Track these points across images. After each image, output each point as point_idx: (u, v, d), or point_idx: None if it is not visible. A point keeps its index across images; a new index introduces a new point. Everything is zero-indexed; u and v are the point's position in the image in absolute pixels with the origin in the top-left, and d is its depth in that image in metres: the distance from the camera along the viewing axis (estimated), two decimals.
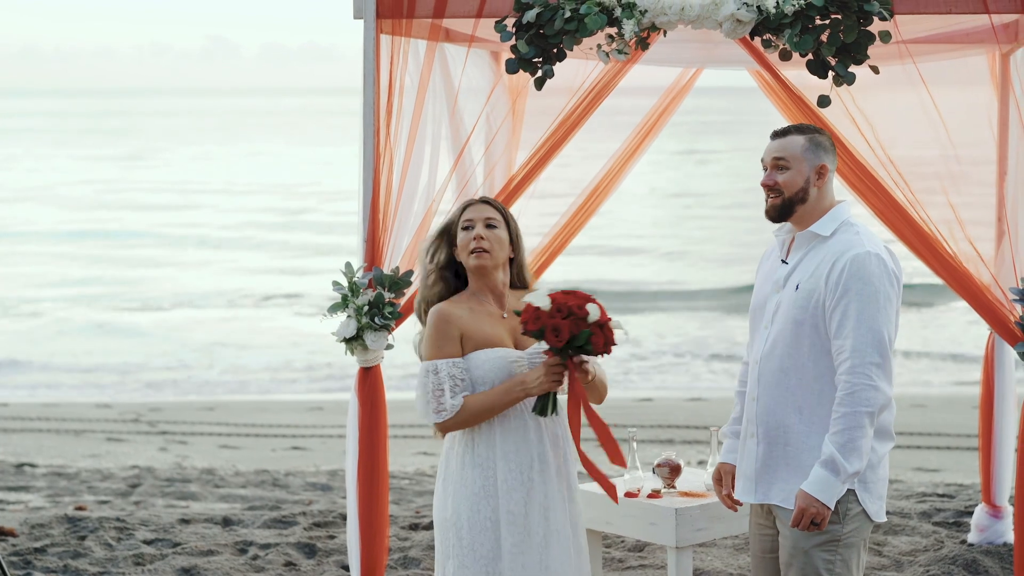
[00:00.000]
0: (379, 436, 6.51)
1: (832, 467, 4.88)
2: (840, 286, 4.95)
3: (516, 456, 5.36)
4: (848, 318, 4.92)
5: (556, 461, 5.44)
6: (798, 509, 4.91)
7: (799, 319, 5.02)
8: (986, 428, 7.73)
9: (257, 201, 45.38)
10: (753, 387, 5.17)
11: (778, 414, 5.07)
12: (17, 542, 8.32)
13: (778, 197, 5.12)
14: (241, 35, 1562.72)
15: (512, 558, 5.33)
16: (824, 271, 5.00)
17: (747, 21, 5.97)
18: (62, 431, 14.49)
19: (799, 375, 5.04)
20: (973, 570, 7.41)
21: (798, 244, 5.15)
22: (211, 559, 7.94)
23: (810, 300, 5.01)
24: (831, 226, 5.10)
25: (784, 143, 5.12)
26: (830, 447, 4.88)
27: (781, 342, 5.07)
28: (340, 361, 19.05)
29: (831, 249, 5.04)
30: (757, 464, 5.14)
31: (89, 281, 29.52)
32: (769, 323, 5.13)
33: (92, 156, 63.82)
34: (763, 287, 5.25)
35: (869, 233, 5.10)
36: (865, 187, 6.48)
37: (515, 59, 6.16)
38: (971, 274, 6.67)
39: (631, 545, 8.14)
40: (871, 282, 4.94)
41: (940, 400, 16.16)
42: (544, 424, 5.42)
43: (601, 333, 5.22)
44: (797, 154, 5.10)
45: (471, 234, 5.35)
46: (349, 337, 6.31)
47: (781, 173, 5.11)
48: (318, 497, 10.39)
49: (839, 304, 4.94)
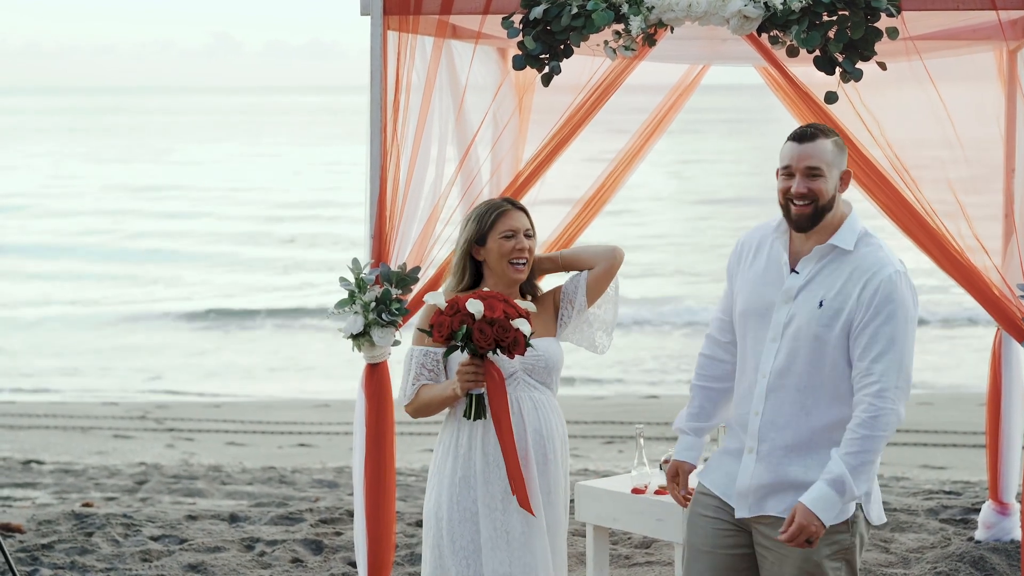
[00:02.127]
0: (386, 432, 6.52)
1: (839, 487, 4.74)
2: (873, 307, 4.80)
3: (496, 449, 5.42)
4: (878, 341, 4.79)
5: (536, 458, 5.47)
6: (797, 525, 4.73)
7: (823, 337, 4.86)
8: (993, 425, 7.73)
9: (263, 198, 45.37)
10: (758, 401, 4.97)
11: (787, 433, 4.92)
12: (24, 538, 8.33)
13: (810, 205, 4.90)
14: (245, 33, 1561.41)
15: (489, 552, 5.39)
16: (854, 290, 4.85)
17: (754, 17, 5.96)
18: (69, 428, 14.51)
19: (816, 393, 4.89)
20: (980, 567, 7.41)
21: (812, 255, 4.95)
22: (218, 555, 7.95)
23: (838, 319, 4.85)
24: (851, 238, 4.93)
25: (815, 148, 4.90)
26: (841, 466, 4.74)
27: (800, 360, 4.89)
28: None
29: (858, 265, 4.88)
30: (754, 482, 4.98)
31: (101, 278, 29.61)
32: (778, 336, 4.94)
33: (96, 154, 63.82)
34: (761, 292, 5.03)
35: (888, 247, 4.98)
36: (872, 183, 6.47)
37: (522, 55, 6.16)
38: (978, 270, 6.66)
39: (638, 542, 8.15)
40: (905, 305, 4.83)
41: (947, 397, 16.15)
42: (527, 421, 5.46)
43: (490, 330, 5.20)
44: (829, 160, 4.91)
45: (513, 243, 5.51)
46: (356, 333, 6.31)
47: (814, 180, 4.89)
48: (325, 494, 10.39)
49: (870, 325, 4.80)
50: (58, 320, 24.64)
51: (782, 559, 4.92)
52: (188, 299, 26.95)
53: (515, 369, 5.47)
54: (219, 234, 37.19)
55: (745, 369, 5.07)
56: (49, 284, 28.90)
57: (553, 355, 5.57)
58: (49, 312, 25.57)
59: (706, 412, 5.28)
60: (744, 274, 5.12)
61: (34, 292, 27.82)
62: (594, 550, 6.77)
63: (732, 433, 5.14)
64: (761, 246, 5.11)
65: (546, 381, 5.57)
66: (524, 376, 5.51)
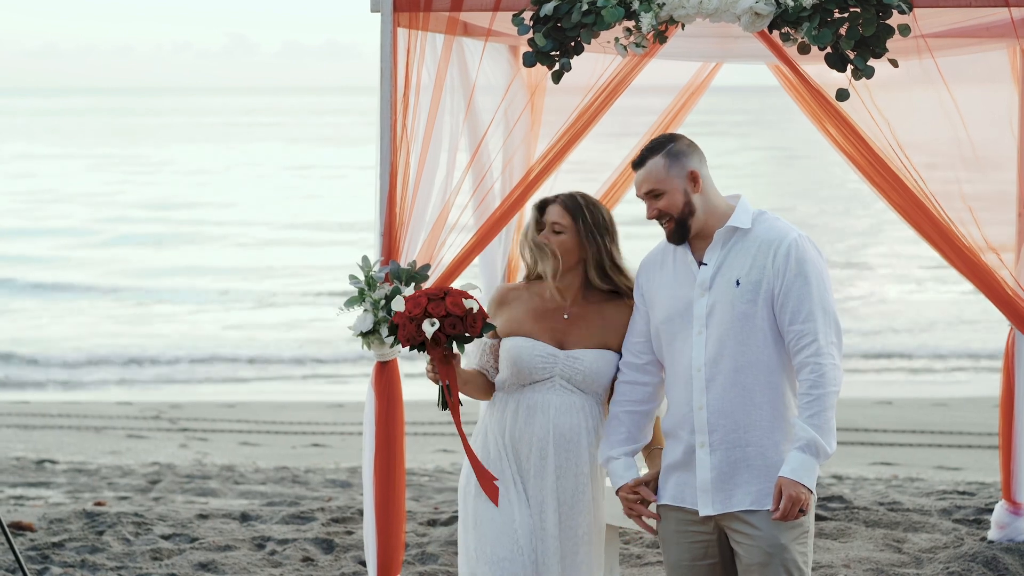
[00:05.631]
0: (396, 430, 6.51)
1: (813, 450, 4.88)
2: (788, 271, 4.98)
3: (512, 435, 5.50)
4: (804, 302, 4.96)
5: (557, 460, 5.48)
6: (787, 498, 4.89)
7: (748, 312, 5.01)
8: (1006, 425, 7.70)
9: (280, 198, 45.43)
10: (699, 396, 5.07)
11: (736, 416, 5.03)
12: (35, 537, 8.34)
13: (670, 222, 5.11)
14: (261, 33, 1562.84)
15: (478, 529, 5.48)
16: (765, 260, 5.01)
17: (765, 15, 5.94)
18: (83, 428, 14.55)
19: (754, 370, 5.02)
20: (993, 567, 7.38)
21: (715, 243, 5.10)
22: (228, 554, 7.95)
23: (758, 292, 5.00)
24: (747, 218, 5.10)
25: (647, 172, 5.12)
26: (808, 431, 4.89)
27: (730, 341, 5.03)
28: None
29: (761, 239, 5.06)
30: (712, 474, 5.06)
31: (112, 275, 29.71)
32: (703, 327, 5.07)
33: (110, 154, 63.96)
34: (677, 294, 5.16)
35: (784, 219, 5.15)
36: (884, 181, 6.45)
37: (532, 52, 6.15)
38: (990, 269, 6.64)
39: (649, 541, 8.13)
40: (816, 263, 5.02)
41: (962, 399, 16.12)
42: (552, 421, 5.47)
43: (409, 325, 5.31)
44: (663, 176, 5.09)
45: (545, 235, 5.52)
46: (365, 331, 6.31)
47: (657, 200, 5.10)
48: (337, 494, 10.40)
49: (792, 289, 4.98)
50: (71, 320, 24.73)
51: (751, 549, 5.02)
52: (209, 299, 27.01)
53: (552, 374, 5.48)
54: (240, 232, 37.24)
55: (677, 372, 5.16)
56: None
57: (596, 368, 5.47)
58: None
59: (633, 436, 5.32)
60: (655, 287, 5.25)
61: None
62: (605, 549, 6.75)
63: (672, 444, 5.20)
64: (664, 258, 5.27)
65: (586, 388, 5.49)
66: (561, 382, 5.49)
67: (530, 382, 5.50)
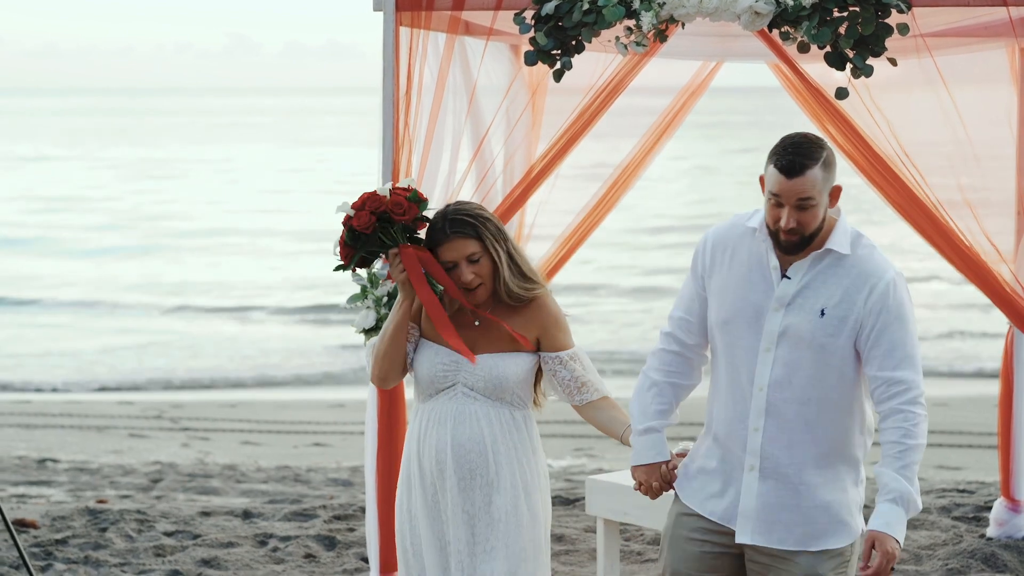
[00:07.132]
0: (398, 427, 6.54)
1: (905, 503, 4.54)
2: (885, 312, 4.60)
3: (419, 451, 5.21)
4: (899, 347, 4.58)
5: (459, 473, 5.13)
6: (882, 554, 4.49)
7: (827, 346, 4.62)
8: (1005, 423, 7.72)
9: (281, 199, 45.44)
10: (756, 417, 4.67)
11: (794, 450, 4.67)
12: (39, 534, 8.37)
13: (797, 235, 4.62)
14: (263, 34, 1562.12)
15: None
16: (858, 296, 4.62)
17: (765, 14, 5.98)
18: (84, 427, 14.56)
19: (821, 407, 4.65)
20: (991, 564, 7.41)
21: (807, 260, 4.66)
22: (231, 551, 7.98)
23: (843, 327, 4.61)
24: (846, 241, 4.66)
25: (804, 183, 4.56)
26: (901, 482, 4.54)
27: (801, 371, 4.64)
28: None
29: (858, 270, 4.65)
30: (758, 502, 4.70)
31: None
32: (772, 346, 4.65)
33: (113, 155, 63.98)
34: (747, 296, 4.72)
35: (879, 247, 4.77)
36: (884, 180, 6.49)
37: (534, 51, 6.19)
38: (990, 267, 6.67)
39: (650, 538, 8.15)
40: (911, 309, 4.66)
41: (962, 399, 16.13)
42: (451, 432, 5.15)
43: (361, 213, 5.08)
44: (819, 187, 4.58)
45: (456, 274, 5.11)
46: (368, 328, 6.34)
47: (805, 212, 4.59)
48: (339, 493, 10.42)
49: (886, 332, 4.60)
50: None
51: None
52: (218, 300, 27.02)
53: (455, 382, 5.16)
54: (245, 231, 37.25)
55: (738, 381, 4.74)
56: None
57: (499, 373, 5.14)
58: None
59: (672, 409, 4.94)
60: (720, 277, 4.79)
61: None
62: (605, 545, 6.78)
63: (715, 449, 4.84)
64: (738, 247, 4.78)
65: (491, 395, 5.15)
66: (464, 389, 5.16)
67: (434, 392, 5.19)
